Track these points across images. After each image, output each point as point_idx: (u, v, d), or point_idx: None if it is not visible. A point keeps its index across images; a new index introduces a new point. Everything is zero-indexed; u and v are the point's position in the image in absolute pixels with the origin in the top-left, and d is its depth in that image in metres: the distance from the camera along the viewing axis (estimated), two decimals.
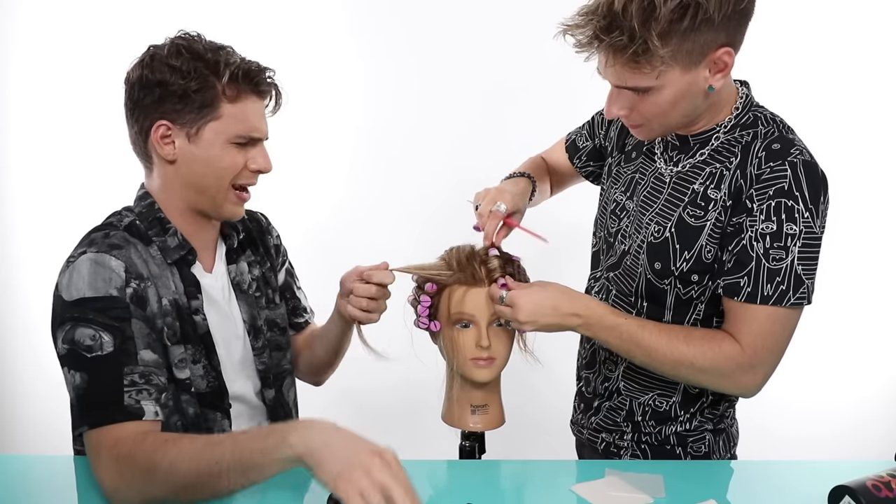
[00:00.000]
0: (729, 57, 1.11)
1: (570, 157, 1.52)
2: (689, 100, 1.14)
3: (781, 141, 1.17)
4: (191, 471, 0.99)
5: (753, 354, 1.15)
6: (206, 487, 1.00)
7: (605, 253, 1.37)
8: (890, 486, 1.01)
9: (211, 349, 1.22)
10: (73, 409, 1.11)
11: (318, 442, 0.94)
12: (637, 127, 1.21)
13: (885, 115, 2.31)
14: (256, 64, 1.19)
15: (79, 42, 2.31)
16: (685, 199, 1.22)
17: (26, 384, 2.55)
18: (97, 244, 1.15)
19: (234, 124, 1.17)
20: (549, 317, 1.18)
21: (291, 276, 1.47)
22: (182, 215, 1.23)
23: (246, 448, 0.98)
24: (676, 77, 1.10)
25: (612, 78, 1.14)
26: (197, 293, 1.21)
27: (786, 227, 1.12)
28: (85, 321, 1.08)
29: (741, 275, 1.15)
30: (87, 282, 1.10)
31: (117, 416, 1.05)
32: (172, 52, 1.15)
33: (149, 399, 1.07)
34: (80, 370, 1.07)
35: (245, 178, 1.22)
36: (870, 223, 2.35)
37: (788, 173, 1.13)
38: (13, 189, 2.47)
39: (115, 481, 1.03)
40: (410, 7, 2.32)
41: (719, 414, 1.32)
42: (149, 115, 1.16)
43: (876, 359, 2.43)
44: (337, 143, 2.39)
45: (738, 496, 1.14)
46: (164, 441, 1.03)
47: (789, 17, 2.18)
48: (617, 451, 1.36)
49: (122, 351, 1.08)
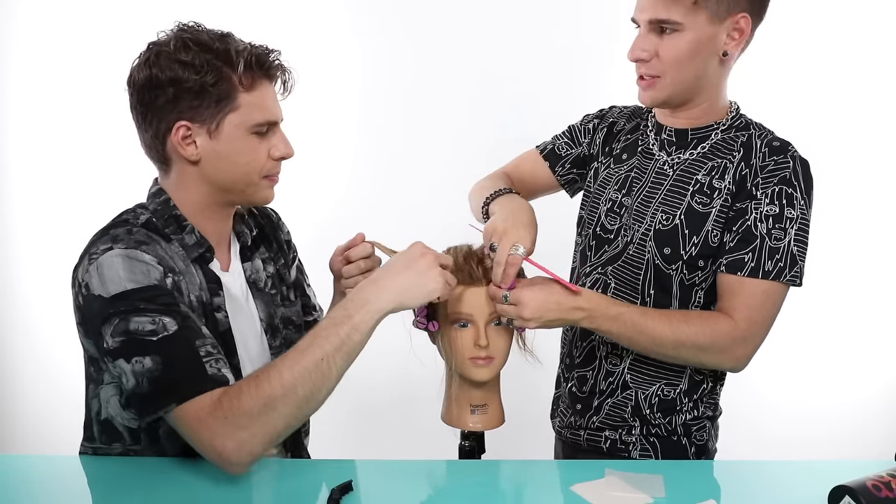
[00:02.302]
0: (746, 24, 1.22)
1: (550, 165, 1.51)
2: (704, 57, 1.23)
3: (779, 140, 1.30)
4: (304, 379, 1.02)
5: (747, 328, 1.23)
6: (323, 388, 1.05)
7: (595, 250, 1.39)
8: (890, 486, 1.01)
9: (231, 347, 1.20)
10: (141, 397, 1.05)
11: (394, 289, 1.09)
12: (650, 82, 1.26)
13: (885, 118, 2.31)
14: (264, 47, 1.16)
15: (79, 42, 2.32)
16: (690, 188, 1.30)
17: (26, 384, 2.56)
18: (123, 240, 1.11)
19: (252, 112, 1.14)
20: (554, 311, 1.19)
21: (302, 273, 1.46)
22: (200, 212, 1.20)
23: (342, 337, 1.05)
24: (702, 24, 1.20)
25: (649, 8, 1.22)
26: (219, 290, 1.20)
27: (786, 211, 1.23)
28: (137, 311, 1.05)
29: (745, 251, 1.24)
30: (125, 276, 1.07)
31: (206, 385, 1.03)
32: (179, 47, 1.10)
33: (226, 367, 1.07)
34: (148, 354, 1.04)
35: (271, 167, 1.20)
36: (868, 223, 2.35)
37: (790, 165, 1.25)
38: (13, 189, 2.47)
39: (236, 437, 1.01)
40: (412, 4, 2.32)
41: (715, 402, 1.39)
42: (164, 117, 1.12)
43: (875, 359, 2.44)
44: (339, 140, 2.40)
45: (738, 496, 1.14)
46: (258, 378, 1.03)
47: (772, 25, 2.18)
48: (625, 447, 1.37)
49: (186, 328, 1.06)
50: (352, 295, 1.10)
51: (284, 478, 1.16)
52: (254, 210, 1.36)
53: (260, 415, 1.01)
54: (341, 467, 1.17)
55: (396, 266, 1.12)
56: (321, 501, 1.05)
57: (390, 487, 1.13)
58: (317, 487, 1.11)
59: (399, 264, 1.12)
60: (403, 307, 1.11)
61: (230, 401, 1.02)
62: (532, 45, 2.35)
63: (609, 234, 1.37)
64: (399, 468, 1.19)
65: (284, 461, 1.28)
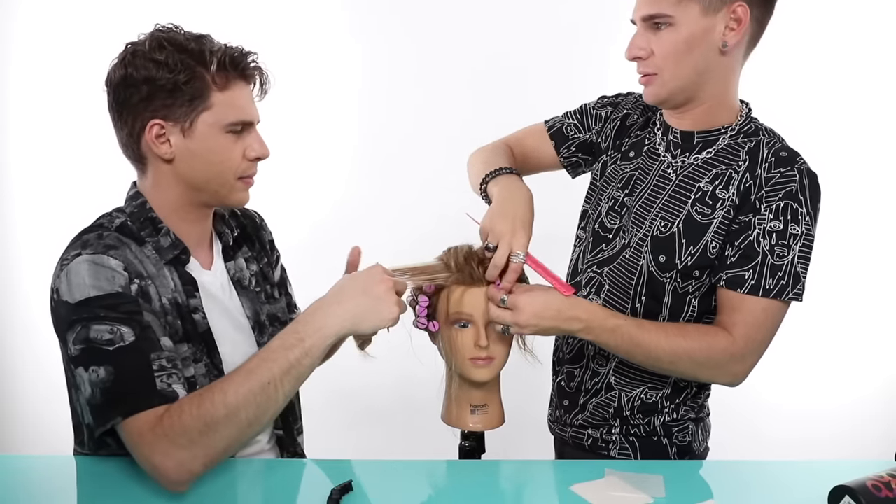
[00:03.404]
0: (744, 13, 1.19)
1: (556, 146, 1.48)
2: (701, 51, 1.21)
3: (787, 150, 1.25)
4: (249, 402, 1.01)
5: (745, 345, 1.21)
6: (269, 412, 1.04)
7: (592, 247, 1.38)
8: (890, 486, 1.01)
9: (212, 347, 1.20)
10: (94, 407, 1.06)
11: (346, 314, 1.07)
12: (649, 79, 1.25)
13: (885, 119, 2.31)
14: (240, 49, 1.17)
15: (79, 42, 2.31)
16: (692, 196, 1.27)
17: (26, 384, 2.55)
18: (92, 245, 1.12)
19: (226, 112, 1.15)
20: (551, 320, 1.18)
21: (284, 273, 1.47)
22: (175, 212, 1.20)
23: (291, 361, 1.04)
24: (695, 16, 1.19)
25: (641, 4, 1.23)
26: (195, 291, 1.20)
27: (790, 227, 1.20)
28: (97, 319, 1.05)
29: (747, 268, 1.21)
30: (90, 282, 1.08)
31: (154, 400, 1.03)
32: (154, 47, 1.12)
33: (178, 382, 1.06)
34: (102, 364, 1.04)
35: (245, 168, 1.20)
36: (868, 224, 2.35)
37: (797, 178, 1.21)
38: (13, 189, 2.47)
39: (174, 456, 1.00)
40: (410, 5, 2.32)
41: (700, 404, 1.38)
42: (139, 115, 1.14)
43: (875, 359, 2.44)
44: (337, 141, 2.40)
45: (737, 496, 1.13)
46: (201, 396, 1.02)
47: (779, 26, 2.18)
48: (605, 445, 1.37)
49: (144, 339, 1.06)
50: (304, 317, 1.09)
51: (284, 478, 1.16)
52: (236, 211, 1.37)
53: (201, 435, 1.00)
54: (341, 467, 1.17)
55: (352, 290, 1.10)
56: (321, 501, 1.05)
57: (390, 487, 1.13)
58: (317, 487, 1.11)
59: (355, 288, 1.10)
60: (356, 333, 1.11)
61: (171, 419, 1.01)
62: (532, 45, 2.35)
63: (608, 234, 1.36)
64: (399, 468, 1.19)
65: (284, 461, 1.28)
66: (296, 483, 1.14)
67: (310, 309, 1.10)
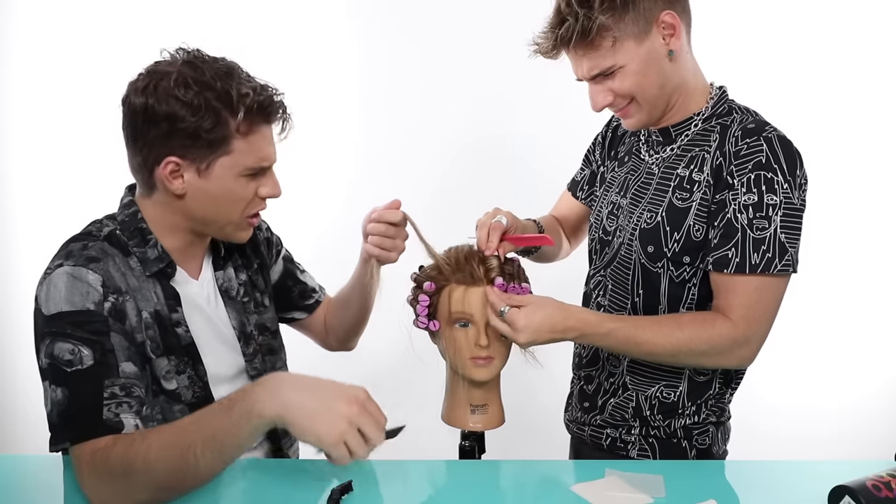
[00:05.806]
0: (672, 18, 1.21)
1: (573, 193, 1.58)
2: (655, 68, 1.23)
3: (756, 122, 1.24)
4: (166, 466, 0.98)
5: (746, 327, 1.20)
6: (187, 478, 1.00)
7: (598, 252, 1.42)
8: (890, 486, 1.01)
9: (196, 359, 1.19)
10: (51, 426, 1.06)
11: (288, 402, 0.96)
12: (625, 112, 1.28)
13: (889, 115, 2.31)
14: (270, 95, 1.12)
15: (79, 42, 2.31)
16: (671, 184, 1.29)
17: (26, 384, 2.55)
18: (74, 256, 1.11)
19: (245, 157, 1.12)
20: (548, 333, 1.21)
21: (291, 263, 1.45)
22: (174, 233, 1.19)
23: (215, 428, 0.98)
24: (633, 50, 1.21)
25: (584, 70, 1.25)
26: (177, 306, 1.18)
27: (766, 197, 1.18)
28: (63, 336, 1.05)
29: (728, 247, 1.20)
30: (64, 296, 1.07)
31: (98, 430, 1.02)
32: (180, 83, 1.07)
33: (129, 412, 1.04)
34: (60, 385, 1.04)
35: (255, 206, 1.18)
36: (869, 222, 2.35)
37: (765, 147, 1.19)
38: (13, 189, 2.47)
39: (99, 493, 1.01)
40: (412, 15, 2.32)
41: (722, 407, 1.37)
42: (154, 150, 1.10)
43: (876, 358, 2.43)
44: (340, 146, 2.40)
45: (738, 496, 1.14)
46: (133, 440, 1.01)
47: (764, 17, 2.18)
48: (624, 445, 1.38)
49: (101, 364, 1.05)
50: (250, 385, 1.02)
51: (285, 478, 1.16)
52: None
53: (122, 478, 0.99)
54: (341, 467, 1.17)
55: (319, 389, 1.00)
56: (321, 501, 1.05)
57: (390, 487, 1.13)
58: (317, 487, 1.11)
59: (323, 390, 0.99)
60: (288, 428, 0.98)
61: (103, 454, 1.00)
62: None
63: (609, 236, 1.39)
64: (399, 468, 1.19)
65: (285, 461, 1.28)
66: (296, 483, 1.14)
67: (264, 378, 1.02)
